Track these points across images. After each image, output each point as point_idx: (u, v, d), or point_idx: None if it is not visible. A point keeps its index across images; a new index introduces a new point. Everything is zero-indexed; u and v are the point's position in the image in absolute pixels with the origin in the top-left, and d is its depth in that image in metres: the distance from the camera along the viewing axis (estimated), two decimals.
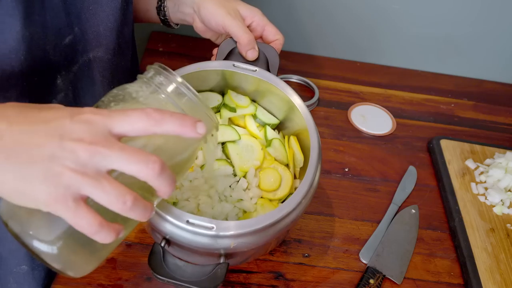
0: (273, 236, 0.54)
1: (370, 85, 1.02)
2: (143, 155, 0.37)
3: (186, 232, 0.51)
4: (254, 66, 0.65)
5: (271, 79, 0.64)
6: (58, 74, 0.57)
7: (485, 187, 0.80)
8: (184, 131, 0.40)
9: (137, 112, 0.38)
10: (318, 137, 0.60)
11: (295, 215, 0.55)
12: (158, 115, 0.39)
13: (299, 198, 0.55)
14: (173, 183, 0.39)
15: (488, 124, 0.98)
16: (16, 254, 0.57)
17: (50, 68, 0.56)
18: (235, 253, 0.54)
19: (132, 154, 0.37)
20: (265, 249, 0.62)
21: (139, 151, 0.37)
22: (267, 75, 0.64)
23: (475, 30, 1.04)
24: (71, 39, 0.57)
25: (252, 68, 0.64)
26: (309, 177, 0.57)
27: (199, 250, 0.53)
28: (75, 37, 0.57)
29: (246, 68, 0.64)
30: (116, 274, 0.61)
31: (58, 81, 0.58)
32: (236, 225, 0.52)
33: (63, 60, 0.58)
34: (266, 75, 0.64)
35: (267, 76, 0.64)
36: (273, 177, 0.63)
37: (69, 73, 0.59)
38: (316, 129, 0.61)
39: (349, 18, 1.04)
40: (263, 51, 0.68)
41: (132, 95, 0.45)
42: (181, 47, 1.02)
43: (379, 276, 0.66)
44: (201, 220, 0.51)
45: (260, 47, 0.67)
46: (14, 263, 0.58)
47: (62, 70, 0.58)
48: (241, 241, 0.52)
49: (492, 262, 0.69)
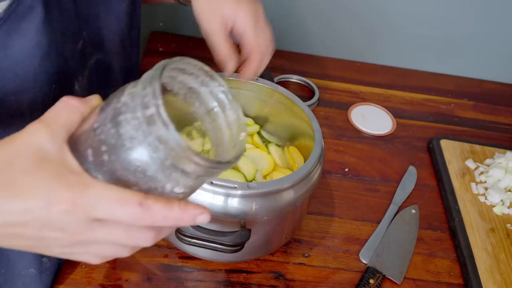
0: (292, 201, 0.57)
1: (370, 85, 1.02)
2: (132, 235, 0.35)
3: (210, 193, 0.54)
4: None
5: (271, 85, 0.69)
6: (75, 80, 0.57)
7: (485, 187, 0.80)
8: (180, 225, 0.37)
9: (130, 209, 0.33)
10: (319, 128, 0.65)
11: (314, 178, 0.60)
12: (154, 216, 0.34)
13: (315, 160, 0.59)
14: (162, 237, 0.38)
15: (488, 124, 0.98)
16: (24, 257, 0.57)
17: (69, 74, 0.55)
18: (256, 221, 0.56)
19: (122, 236, 0.35)
20: (280, 232, 0.63)
21: (128, 232, 0.35)
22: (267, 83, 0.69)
23: (475, 30, 1.04)
24: (82, 43, 0.56)
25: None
26: (319, 145, 0.61)
27: (220, 217, 0.55)
28: (84, 41, 0.57)
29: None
30: (116, 274, 0.61)
31: (76, 87, 0.57)
32: (258, 185, 0.55)
33: (79, 65, 0.57)
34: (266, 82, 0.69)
35: (267, 83, 0.69)
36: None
37: (83, 78, 0.59)
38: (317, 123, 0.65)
39: (349, 18, 1.04)
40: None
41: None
42: (181, 47, 1.02)
43: (379, 276, 0.66)
44: (224, 181, 0.54)
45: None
46: (22, 266, 0.57)
47: (79, 75, 0.57)
48: (263, 203, 0.55)
49: (492, 262, 0.69)
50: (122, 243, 0.35)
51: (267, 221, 0.57)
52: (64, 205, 0.32)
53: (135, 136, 0.33)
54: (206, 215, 0.36)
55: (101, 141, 0.34)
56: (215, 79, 0.40)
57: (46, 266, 0.58)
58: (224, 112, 0.41)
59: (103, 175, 0.35)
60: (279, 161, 0.70)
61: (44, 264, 0.58)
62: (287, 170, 0.68)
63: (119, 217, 0.33)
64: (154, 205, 0.33)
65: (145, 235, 0.35)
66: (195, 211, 0.35)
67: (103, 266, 0.62)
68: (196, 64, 0.38)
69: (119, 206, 0.33)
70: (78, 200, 0.33)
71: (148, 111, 0.32)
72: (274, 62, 1.02)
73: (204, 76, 0.39)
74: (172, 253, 0.64)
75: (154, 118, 0.32)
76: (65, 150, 0.35)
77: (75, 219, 0.33)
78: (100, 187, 0.33)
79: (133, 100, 0.34)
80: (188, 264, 0.64)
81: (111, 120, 0.34)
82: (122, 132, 0.33)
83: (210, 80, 0.40)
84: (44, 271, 0.58)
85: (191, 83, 0.40)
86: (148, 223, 0.34)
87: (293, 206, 0.58)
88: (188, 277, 0.62)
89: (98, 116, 0.36)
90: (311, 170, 0.58)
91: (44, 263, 0.58)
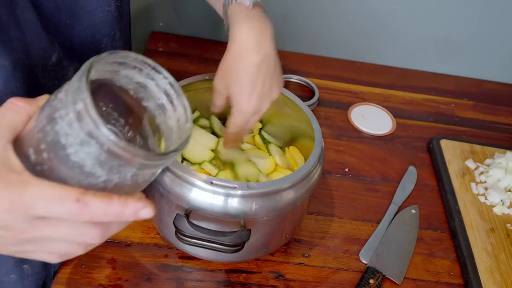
0: (292, 201, 0.57)
1: (370, 85, 1.02)
2: (78, 232, 0.35)
3: (210, 193, 0.54)
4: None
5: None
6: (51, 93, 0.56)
7: (485, 187, 0.80)
8: (123, 220, 0.37)
9: (68, 205, 0.33)
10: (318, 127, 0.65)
11: (315, 178, 0.60)
12: (93, 211, 0.34)
13: (315, 160, 0.59)
14: (111, 234, 0.38)
15: (488, 124, 0.98)
16: (5, 263, 0.56)
17: (42, 89, 0.53)
18: (256, 221, 0.56)
19: (68, 233, 0.35)
20: (280, 232, 0.63)
21: (72, 229, 0.35)
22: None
23: (475, 30, 1.04)
24: (57, 56, 0.55)
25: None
26: (319, 145, 0.62)
27: (220, 218, 0.55)
28: (58, 54, 0.55)
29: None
30: (116, 274, 0.61)
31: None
32: (258, 185, 0.55)
33: (53, 80, 0.55)
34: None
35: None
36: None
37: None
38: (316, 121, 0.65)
39: (349, 18, 1.04)
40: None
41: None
42: (181, 47, 1.02)
43: (379, 276, 0.66)
44: (224, 181, 0.54)
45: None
46: (2, 272, 0.57)
47: (54, 89, 0.56)
48: (262, 203, 0.55)
49: (492, 262, 0.69)
50: (70, 240, 0.36)
51: (267, 221, 0.57)
52: (3, 204, 0.33)
53: (69, 133, 0.34)
54: (149, 209, 0.36)
55: (39, 139, 0.35)
56: (159, 72, 0.40)
57: (27, 273, 0.57)
58: (172, 104, 0.41)
59: (45, 174, 0.35)
60: (280, 161, 0.70)
61: (25, 271, 0.57)
62: (288, 171, 0.68)
63: (58, 214, 0.34)
64: (91, 201, 0.34)
65: (92, 232, 0.35)
66: (136, 205, 0.35)
67: (103, 266, 0.62)
68: (136, 57, 0.39)
69: (56, 203, 0.33)
70: (17, 199, 0.33)
71: (77, 106, 0.33)
72: None
73: (149, 69, 0.40)
74: (172, 253, 0.64)
75: (82, 113, 0.33)
76: (9, 150, 0.35)
77: (15, 217, 0.33)
78: (39, 185, 0.33)
79: (66, 96, 0.34)
80: (188, 264, 0.64)
81: (47, 117, 0.35)
82: (57, 129, 0.34)
83: (155, 73, 0.40)
84: (25, 277, 0.58)
85: (137, 77, 0.40)
86: (88, 219, 0.34)
87: (293, 206, 0.58)
88: (188, 277, 0.62)
89: (39, 115, 0.36)
90: (311, 170, 0.58)
91: (25, 269, 0.57)
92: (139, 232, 0.66)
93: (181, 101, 0.41)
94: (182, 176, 0.54)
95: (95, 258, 0.62)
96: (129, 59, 0.38)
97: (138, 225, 0.67)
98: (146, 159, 0.35)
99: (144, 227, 0.67)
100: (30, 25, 0.49)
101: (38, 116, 0.36)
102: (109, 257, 0.63)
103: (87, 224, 0.35)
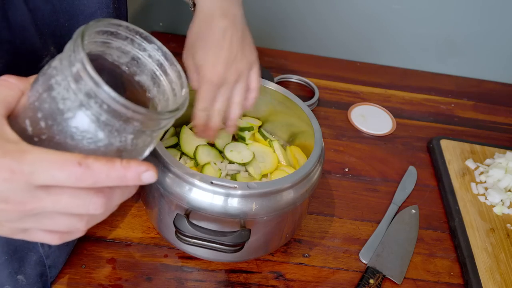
0: (292, 201, 0.57)
1: (370, 85, 1.02)
2: (80, 201, 0.34)
3: (210, 193, 0.54)
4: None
5: (271, 85, 0.69)
6: None
7: (485, 187, 0.80)
8: (126, 184, 0.35)
9: (69, 169, 0.32)
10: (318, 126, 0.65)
11: (314, 178, 0.60)
12: (95, 174, 0.33)
13: (315, 160, 0.59)
14: (115, 207, 0.37)
15: (488, 124, 0.98)
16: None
17: None
18: (256, 221, 0.56)
19: (69, 202, 0.34)
20: (280, 232, 0.63)
21: (75, 197, 0.34)
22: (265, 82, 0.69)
23: (475, 30, 1.04)
24: (49, 60, 0.54)
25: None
26: (319, 145, 0.62)
27: (220, 217, 0.55)
28: (52, 56, 0.53)
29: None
30: (116, 274, 0.61)
31: None
32: (258, 185, 0.55)
33: None
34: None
35: (267, 82, 0.69)
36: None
37: None
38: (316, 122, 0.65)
39: (349, 18, 1.04)
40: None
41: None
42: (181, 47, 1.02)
43: (379, 276, 0.66)
44: (224, 181, 0.54)
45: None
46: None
47: None
48: (262, 203, 0.55)
49: (492, 262, 0.69)
50: (72, 211, 0.35)
51: (267, 221, 0.57)
52: (3, 173, 0.32)
53: (67, 97, 0.33)
54: (152, 172, 0.35)
55: (36, 109, 0.35)
56: (151, 41, 0.40)
57: (22, 284, 0.57)
58: (166, 74, 0.41)
59: (43, 144, 0.34)
60: (283, 159, 0.70)
61: (20, 282, 0.56)
62: (290, 168, 0.68)
63: (60, 179, 0.33)
64: (94, 164, 0.33)
65: (94, 200, 0.34)
66: (138, 168, 0.35)
67: (103, 266, 0.62)
68: (128, 26, 0.38)
69: (58, 168, 0.32)
70: (16, 166, 0.32)
71: (74, 68, 0.33)
72: (274, 62, 1.02)
73: (140, 40, 0.39)
74: (172, 253, 0.64)
75: (81, 73, 0.33)
76: (3, 124, 0.34)
77: (16, 186, 0.32)
78: (38, 152, 0.33)
79: (61, 62, 0.34)
80: (188, 264, 0.64)
81: (43, 85, 0.35)
82: (54, 95, 0.34)
83: (147, 43, 0.40)
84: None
85: (129, 49, 0.40)
86: (90, 183, 0.33)
87: (293, 206, 0.58)
88: (188, 277, 0.62)
89: (33, 86, 0.36)
90: (311, 170, 0.58)
91: (19, 280, 0.57)
92: (139, 232, 0.66)
93: (175, 69, 0.41)
94: (182, 176, 0.54)
95: (95, 258, 0.62)
96: (121, 28, 0.38)
97: (138, 225, 0.67)
98: (146, 117, 0.34)
99: (144, 227, 0.67)
100: (22, 27, 0.48)
101: (32, 88, 0.36)
102: (109, 257, 0.63)
103: (90, 191, 0.34)
